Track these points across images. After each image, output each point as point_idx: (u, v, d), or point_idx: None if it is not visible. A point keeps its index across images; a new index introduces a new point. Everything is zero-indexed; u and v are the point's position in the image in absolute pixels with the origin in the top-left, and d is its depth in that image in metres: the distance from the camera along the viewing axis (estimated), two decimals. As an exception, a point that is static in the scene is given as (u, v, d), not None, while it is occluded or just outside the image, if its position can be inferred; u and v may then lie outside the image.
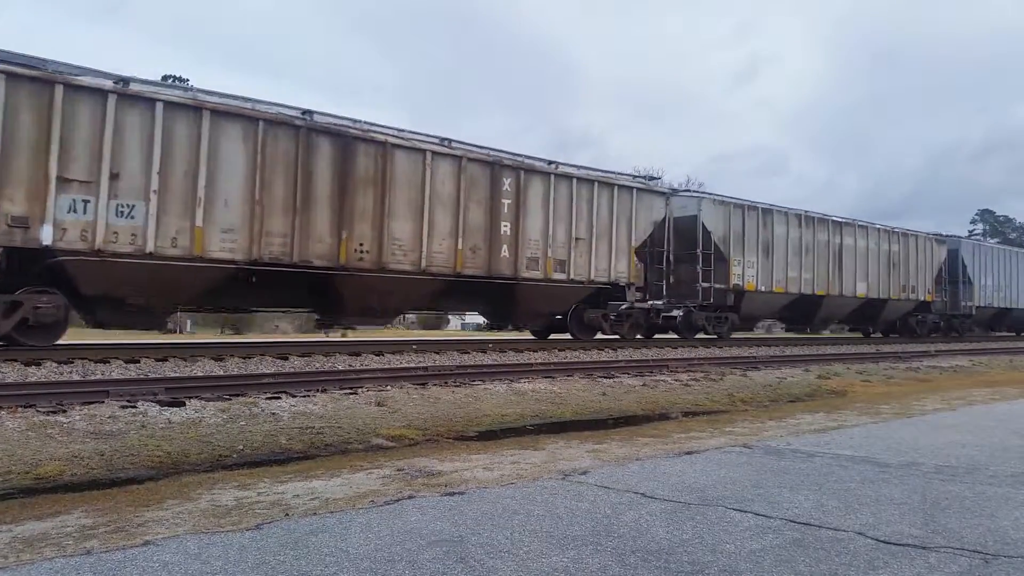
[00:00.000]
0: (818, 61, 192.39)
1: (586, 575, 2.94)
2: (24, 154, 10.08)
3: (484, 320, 24.35)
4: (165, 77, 13.01)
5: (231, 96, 12.17)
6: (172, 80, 12.87)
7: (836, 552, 3.24)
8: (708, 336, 20.35)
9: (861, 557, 3.18)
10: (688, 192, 22.27)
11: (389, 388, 8.88)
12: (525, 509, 3.94)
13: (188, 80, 13.48)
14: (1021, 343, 28.93)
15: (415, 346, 13.86)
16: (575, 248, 16.28)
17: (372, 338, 22.80)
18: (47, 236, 10.22)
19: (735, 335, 21.64)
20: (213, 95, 11.90)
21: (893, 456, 5.67)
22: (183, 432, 6.22)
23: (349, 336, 25.77)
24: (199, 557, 3.09)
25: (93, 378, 8.96)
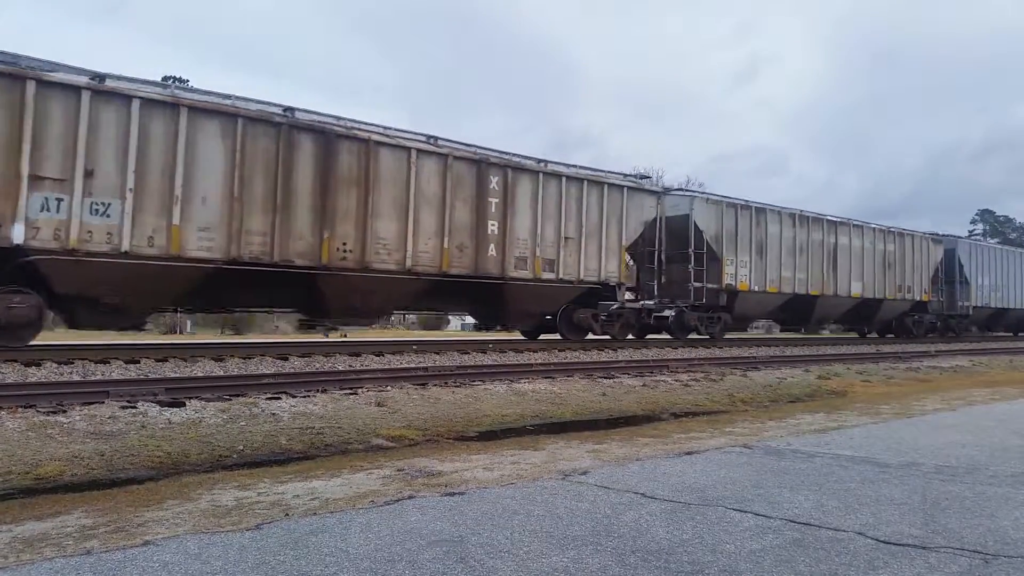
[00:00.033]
0: (818, 61, 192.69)
1: (586, 575, 2.94)
2: None
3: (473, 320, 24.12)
4: (165, 77, 12.99)
5: (210, 93, 11.91)
6: (172, 80, 12.83)
7: (836, 552, 3.25)
8: (700, 336, 20.15)
9: (861, 557, 3.18)
10: (680, 191, 21.98)
11: (389, 388, 8.89)
12: (525, 509, 3.94)
13: (188, 80, 13.43)
14: (1020, 343, 28.92)
15: (415, 346, 13.87)
16: (564, 247, 16.05)
17: (372, 338, 22.83)
18: (19, 235, 10.00)
19: (731, 336, 21.56)
20: (192, 92, 11.64)
21: (893, 456, 5.67)
22: (183, 432, 6.22)
23: (338, 336, 25.77)
24: (199, 557, 3.09)
25: (93, 378, 8.97)
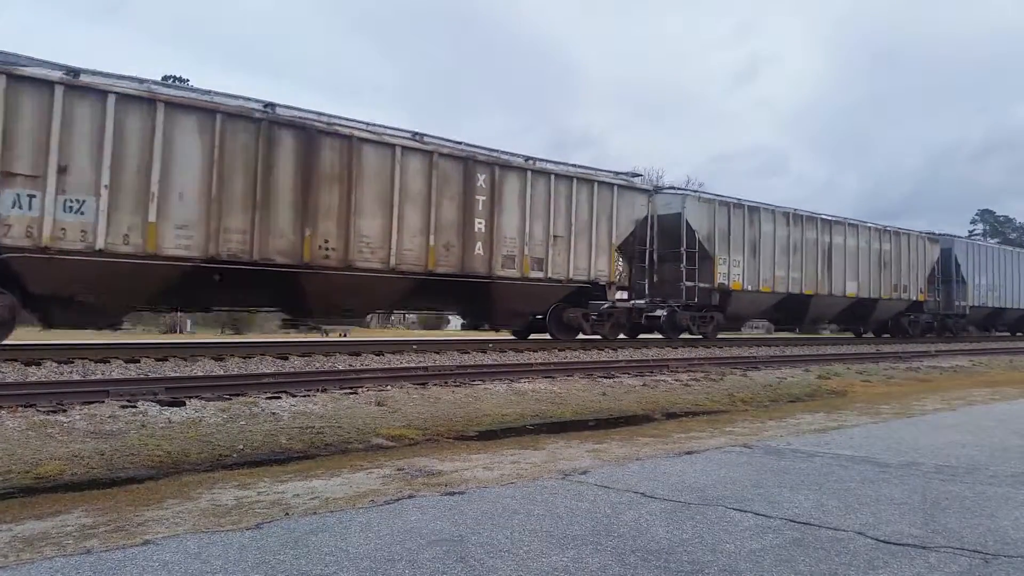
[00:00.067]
0: (818, 61, 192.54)
1: (586, 575, 2.94)
2: None
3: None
4: (165, 77, 12.98)
5: (188, 88, 11.70)
6: (172, 80, 12.81)
7: (836, 552, 3.25)
8: (693, 336, 19.94)
9: (861, 557, 3.18)
10: (672, 189, 21.64)
11: (389, 388, 8.88)
12: (525, 509, 3.94)
13: (188, 80, 13.39)
14: (1020, 343, 28.90)
15: (415, 346, 13.87)
16: (553, 246, 15.87)
17: (372, 338, 22.82)
18: None
19: (731, 336, 21.46)
20: (170, 87, 11.44)
21: (893, 456, 5.67)
22: (183, 432, 6.22)
23: (338, 336, 25.68)
24: (199, 556, 3.09)
25: (93, 378, 8.97)
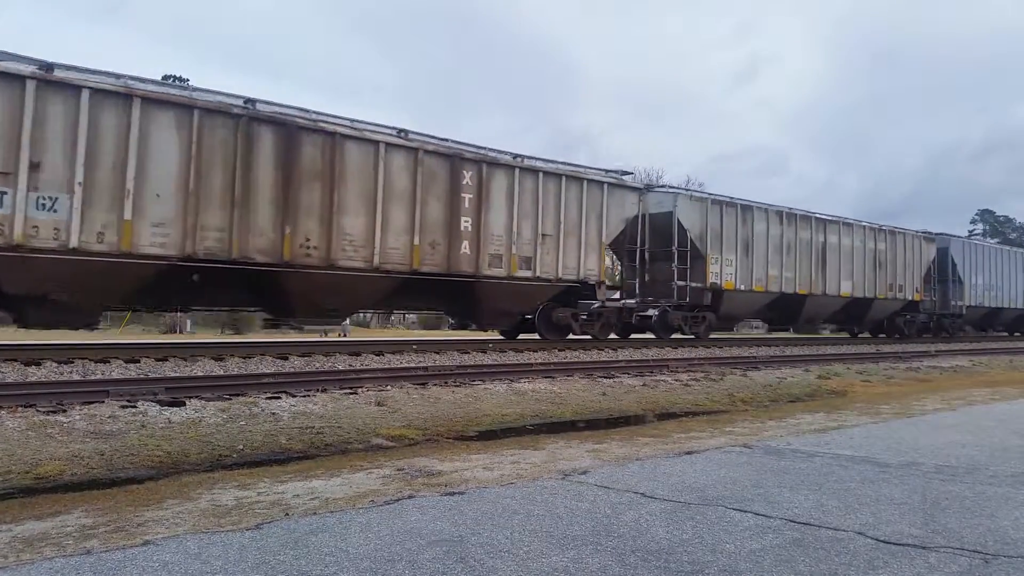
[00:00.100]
0: (818, 61, 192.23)
1: (586, 575, 2.94)
2: None
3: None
4: (165, 77, 12.91)
5: (166, 84, 11.46)
6: (172, 80, 12.77)
7: (836, 552, 3.24)
8: (685, 336, 19.77)
9: (861, 557, 3.18)
10: (664, 188, 21.46)
11: (389, 388, 8.89)
12: (525, 509, 3.94)
13: (188, 80, 13.32)
14: (1020, 343, 28.89)
15: (415, 346, 13.87)
16: (542, 245, 15.65)
17: (372, 338, 22.82)
18: None
19: (731, 336, 21.39)
20: (146, 82, 11.26)
21: (893, 456, 5.67)
22: (183, 432, 6.22)
23: (337, 336, 25.59)
24: (199, 557, 3.09)
25: (93, 378, 8.98)
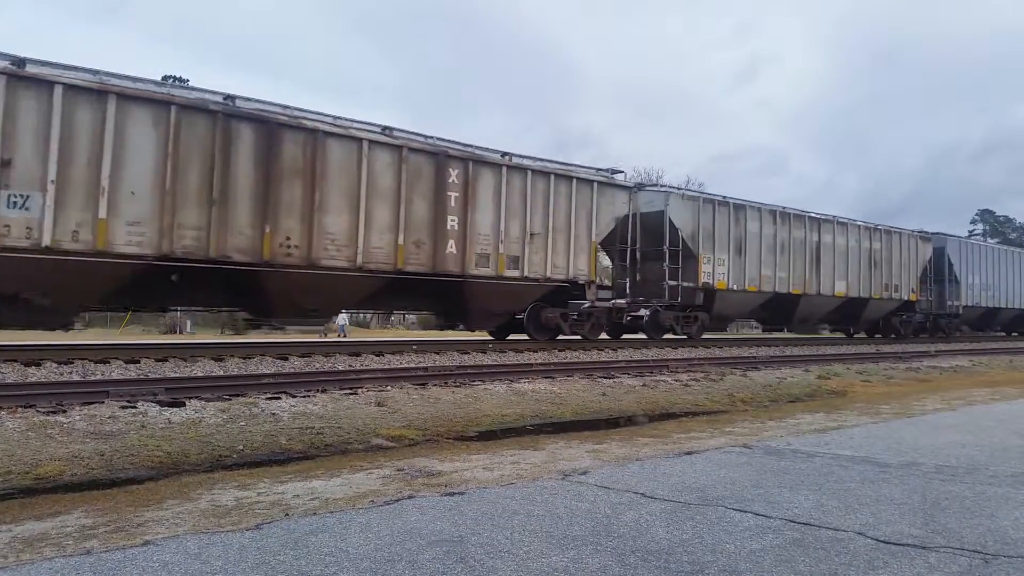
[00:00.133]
0: (818, 61, 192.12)
1: (586, 575, 2.94)
2: None
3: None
4: (165, 77, 12.86)
5: (143, 80, 11.32)
6: (172, 80, 12.73)
7: (836, 552, 3.24)
8: (677, 337, 19.53)
9: (861, 557, 3.18)
10: (655, 186, 21.14)
11: (389, 388, 8.89)
12: (525, 509, 3.94)
13: (188, 80, 13.25)
14: (1020, 343, 28.86)
15: (415, 346, 13.87)
16: (530, 244, 15.43)
17: (372, 338, 22.85)
18: None
19: (728, 336, 21.29)
20: (123, 78, 11.08)
21: (893, 456, 5.67)
22: (183, 432, 6.22)
23: (335, 337, 25.56)
24: (199, 557, 3.09)
25: (93, 378, 8.98)
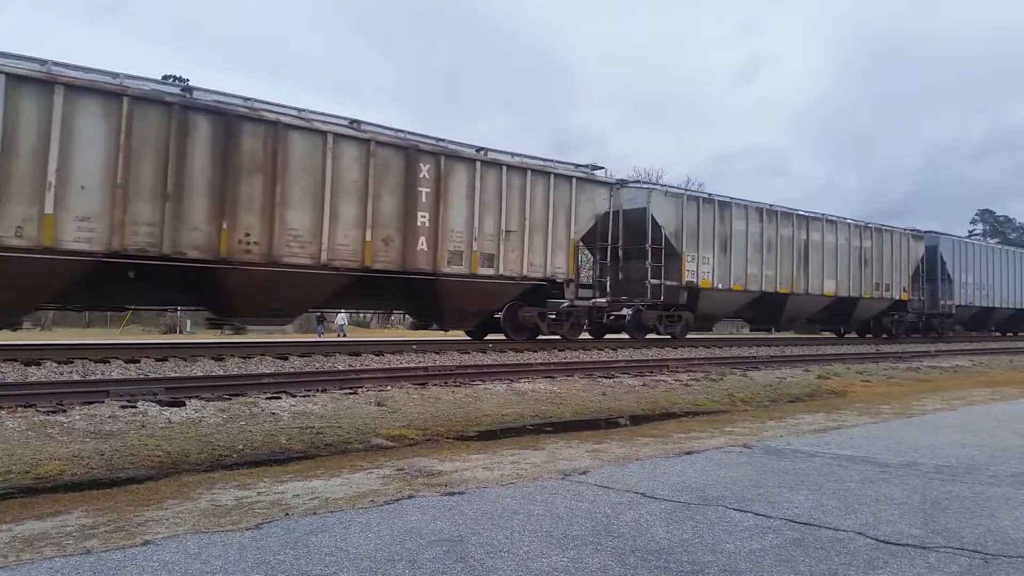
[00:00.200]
0: (818, 61, 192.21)
1: (586, 575, 2.94)
2: None
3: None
4: (165, 77, 12.78)
5: (94, 71, 11.04)
6: (172, 80, 12.67)
7: (836, 552, 3.24)
8: (660, 336, 19.21)
9: (861, 557, 3.18)
10: (637, 183, 20.70)
11: (389, 388, 8.89)
12: (525, 509, 3.94)
13: (188, 80, 13.17)
14: (1020, 343, 28.84)
15: (415, 346, 13.87)
16: (505, 241, 15.06)
17: (372, 338, 22.84)
18: None
19: (728, 336, 21.19)
20: (73, 68, 10.73)
21: (893, 456, 5.67)
22: (183, 432, 6.22)
23: (335, 337, 25.53)
24: (199, 557, 3.09)
25: (93, 378, 8.98)
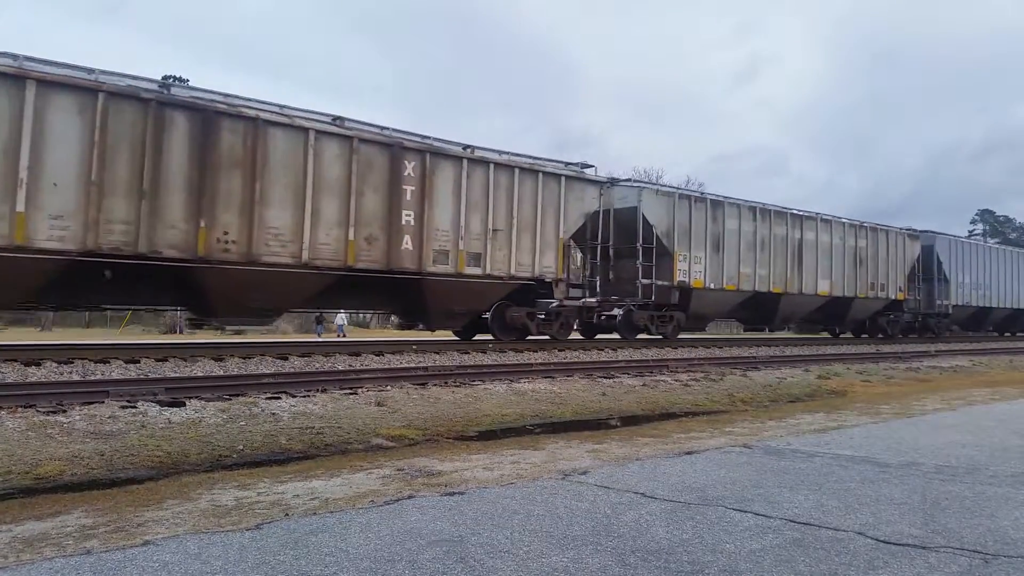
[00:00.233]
0: (818, 61, 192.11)
1: (586, 575, 2.94)
2: None
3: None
4: (166, 77, 12.79)
5: (68, 66, 10.87)
6: (172, 80, 12.66)
7: (836, 552, 3.24)
8: (652, 337, 19.06)
9: (861, 557, 3.18)
10: (628, 182, 20.46)
11: (389, 388, 8.89)
12: (525, 509, 3.94)
13: (188, 80, 13.19)
14: (1019, 343, 28.82)
15: (415, 346, 13.87)
16: (492, 240, 14.84)
17: (372, 338, 22.84)
18: None
19: (728, 336, 21.13)
20: (46, 64, 10.56)
21: (893, 456, 5.67)
22: (183, 432, 6.22)
23: (334, 337, 25.51)
24: (199, 557, 3.09)
25: (93, 378, 8.98)
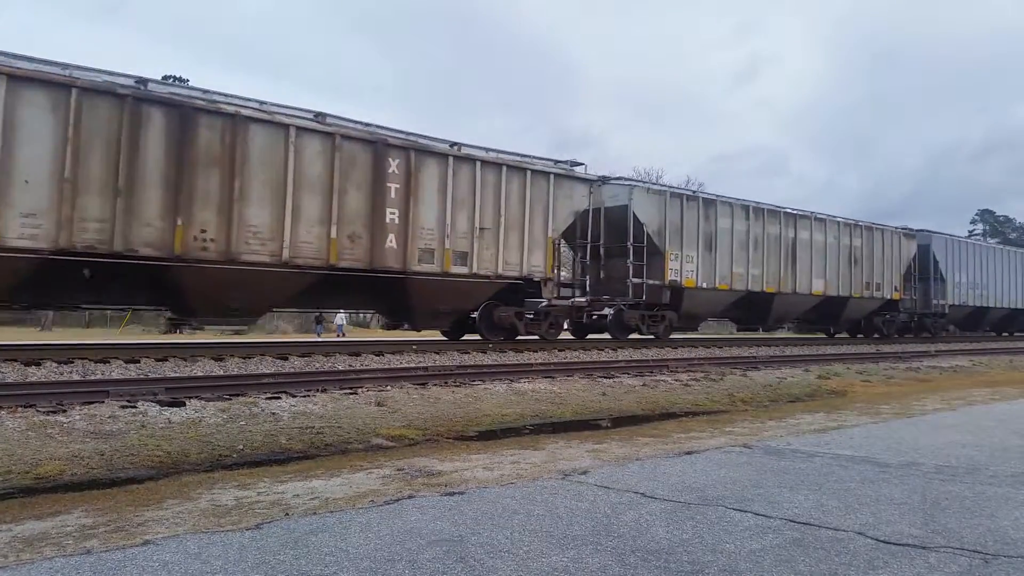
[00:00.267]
0: (818, 61, 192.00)
1: (586, 575, 2.94)
2: None
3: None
4: (165, 77, 12.79)
5: (41, 61, 10.69)
6: (172, 80, 12.65)
7: (836, 552, 3.25)
8: (643, 336, 18.89)
9: (861, 557, 3.18)
10: (619, 180, 20.22)
11: (389, 388, 8.89)
12: (525, 509, 3.94)
13: (188, 80, 13.18)
14: (1019, 343, 28.80)
15: (415, 346, 13.87)
16: (479, 239, 14.61)
17: (372, 338, 22.83)
18: None
19: (726, 336, 21.04)
20: (19, 59, 10.38)
21: (893, 456, 5.67)
22: (183, 432, 6.22)
23: (335, 336, 25.47)
24: (199, 557, 3.09)
25: (93, 378, 8.98)
